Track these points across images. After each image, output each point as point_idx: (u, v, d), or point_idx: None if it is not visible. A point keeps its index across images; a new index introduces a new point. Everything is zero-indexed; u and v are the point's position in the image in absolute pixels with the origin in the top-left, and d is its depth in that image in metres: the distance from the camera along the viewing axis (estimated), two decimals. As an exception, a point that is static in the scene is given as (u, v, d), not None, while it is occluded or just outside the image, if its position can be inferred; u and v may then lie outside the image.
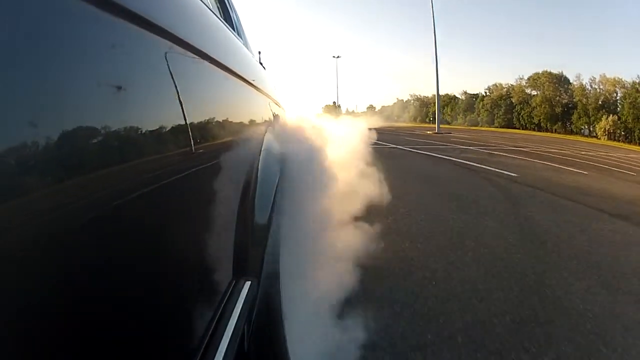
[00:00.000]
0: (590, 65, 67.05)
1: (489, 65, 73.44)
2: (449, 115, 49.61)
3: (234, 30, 1.12)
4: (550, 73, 40.77)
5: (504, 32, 77.38)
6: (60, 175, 0.23)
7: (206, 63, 0.56)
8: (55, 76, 0.24)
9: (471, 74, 78.61)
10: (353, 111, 55.78)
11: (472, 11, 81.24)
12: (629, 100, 34.04)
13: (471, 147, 10.87)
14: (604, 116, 35.00)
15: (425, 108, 53.19)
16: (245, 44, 1.30)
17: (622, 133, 34.66)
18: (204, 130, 0.51)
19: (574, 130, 38.14)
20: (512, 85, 43.86)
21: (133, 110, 0.33)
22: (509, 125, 41.87)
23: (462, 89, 53.23)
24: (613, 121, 34.38)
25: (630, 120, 33.73)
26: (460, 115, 47.89)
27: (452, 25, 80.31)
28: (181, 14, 0.51)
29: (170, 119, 0.40)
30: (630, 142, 32.84)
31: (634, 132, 33.71)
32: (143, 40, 0.36)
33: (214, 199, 0.55)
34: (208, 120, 0.54)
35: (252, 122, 0.84)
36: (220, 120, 0.60)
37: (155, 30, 0.38)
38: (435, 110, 52.14)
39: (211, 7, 0.83)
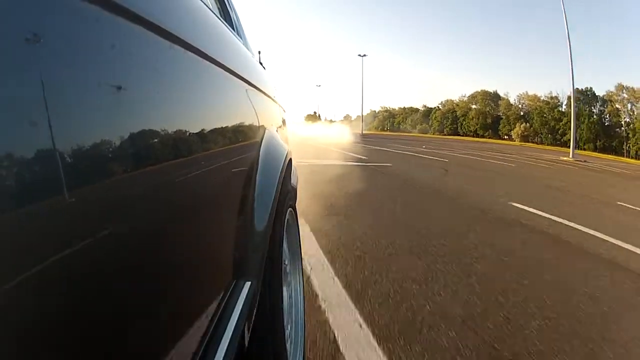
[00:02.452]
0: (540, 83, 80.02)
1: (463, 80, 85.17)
2: (409, 124, 60.39)
3: (234, 30, 1.12)
4: (485, 91, 52.24)
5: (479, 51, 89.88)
6: (59, 176, 0.23)
7: (206, 63, 0.56)
8: (55, 76, 0.24)
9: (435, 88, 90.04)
10: (331, 120, 67.65)
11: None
12: (537, 112, 45.24)
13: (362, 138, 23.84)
14: (518, 124, 46.11)
15: (392, 118, 64.19)
16: (245, 44, 1.30)
17: (536, 137, 45.61)
18: (203, 130, 0.51)
19: (501, 135, 49.08)
20: (457, 100, 55.24)
21: (131, 110, 0.33)
22: (455, 133, 52.77)
23: (428, 102, 63.97)
24: (524, 127, 45.45)
25: (537, 127, 44.77)
26: (418, 125, 58.73)
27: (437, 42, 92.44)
28: (181, 14, 0.50)
29: (169, 119, 0.40)
30: (541, 143, 43.63)
31: (542, 135, 44.64)
32: (142, 40, 0.36)
33: (214, 199, 0.55)
34: (207, 120, 0.54)
35: (252, 122, 0.83)
36: (220, 121, 0.60)
37: (154, 30, 0.38)
38: (399, 120, 62.81)
39: (211, 7, 0.84)
